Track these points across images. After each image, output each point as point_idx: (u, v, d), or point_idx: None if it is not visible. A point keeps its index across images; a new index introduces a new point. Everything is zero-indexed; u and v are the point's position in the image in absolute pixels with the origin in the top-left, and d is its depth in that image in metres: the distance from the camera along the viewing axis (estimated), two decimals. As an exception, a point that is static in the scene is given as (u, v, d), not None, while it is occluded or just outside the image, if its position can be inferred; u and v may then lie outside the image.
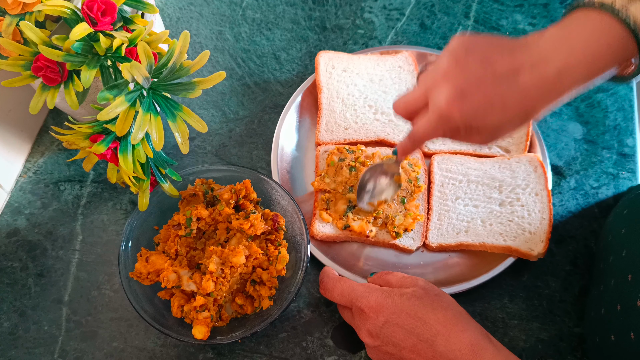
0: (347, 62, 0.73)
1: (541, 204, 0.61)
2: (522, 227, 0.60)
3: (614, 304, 0.49)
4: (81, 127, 0.50)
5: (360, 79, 0.72)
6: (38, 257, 0.62)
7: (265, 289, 0.55)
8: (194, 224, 0.56)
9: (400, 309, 0.48)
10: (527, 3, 0.83)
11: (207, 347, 0.57)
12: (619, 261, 0.52)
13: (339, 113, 0.69)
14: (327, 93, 0.70)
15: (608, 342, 0.49)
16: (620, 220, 0.57)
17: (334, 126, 0.69)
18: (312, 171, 0.67)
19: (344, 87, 0.71)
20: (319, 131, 0.69)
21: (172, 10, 0.82)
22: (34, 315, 0.59)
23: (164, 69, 0.49)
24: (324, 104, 0.70)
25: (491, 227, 0.61)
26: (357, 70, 0.72)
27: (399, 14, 0.83)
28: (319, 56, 0.72)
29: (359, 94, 0.71)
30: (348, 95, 0.70)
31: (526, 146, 0.66)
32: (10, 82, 0.49)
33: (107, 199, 0.66)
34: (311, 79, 0.72)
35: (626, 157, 0.69)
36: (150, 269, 0.53)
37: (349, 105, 0.70)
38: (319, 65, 0.72)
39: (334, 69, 0.72)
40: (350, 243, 0.63)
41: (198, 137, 0.71)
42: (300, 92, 0.71)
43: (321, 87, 0.70)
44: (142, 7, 0.53)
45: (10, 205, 0.66)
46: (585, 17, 0.45)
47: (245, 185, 0.59)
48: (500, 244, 0.59)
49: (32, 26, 0.47)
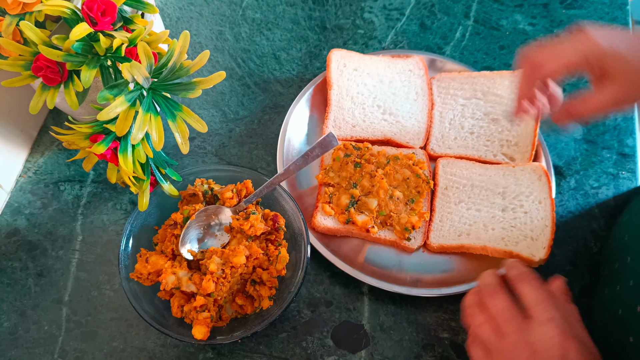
0: (359, 62, 0.73)
1: (544, 211, 0.61)
2: (525, 233, 0.60)
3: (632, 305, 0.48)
4: (81, 127, 0.50)
5: (370, 79, 0.72)
6: (38, 257, 0.62)
7: (265, 289, 0.54)
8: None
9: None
10: (527, 3, 0.83)
11: (207, 347, 0.57)
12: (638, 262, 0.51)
13: (348, 110, 0.70)
14: (337, 90, 0.71)
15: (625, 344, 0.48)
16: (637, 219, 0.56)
17: (341, 123, 0.69)
18: (317, 165, 0.68)
19: (354, 86, 0.71)
20: (327, 126, 0.69)
21: (172, 10, 0.82)
22: (34, 315, 0.59)
23: (164, 69, 0.49)
24: (334, 100, 0.70)
25: (493, 232, 0.61)
26: (367, 70, 0.73)
27: (399, 14, 0.83)
28: (331, 54, 0.73)
29: (369, 94, 0.71)
30: (357, 94, 0.71)
31: (531, 155, 0.65)
32: (10, 82, 0.49)
33: (107, 199, 0.66)
34: (321, 77, 0.73)
35: (626, 157, 0.69)
36: (151, 269, 0.53)
37: (358, 104, 0.70)
38: (331, 63, 0.72)
39: (345, 67, 0.73)
40: (350, 238, 0.63)
41: (198, 137, 0.71)
42: (310, 88, 0.72)
43: (331, 83, 0.71)
44: (142, 7, 0.53)
45: (10, 205, 0.66)
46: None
47: (245, 185, 0.59)
48: (502, 248, 0.59)
49: (32, 26, 0.47)
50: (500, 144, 0.67)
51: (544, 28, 0.81)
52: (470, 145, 0.67)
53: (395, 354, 0.56)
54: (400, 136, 0.68)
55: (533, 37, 0.80)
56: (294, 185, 0.66)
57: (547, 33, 0.80)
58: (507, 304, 0.46)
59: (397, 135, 0.68)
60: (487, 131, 0.68)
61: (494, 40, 0.80)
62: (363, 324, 0.58)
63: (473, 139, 0.68)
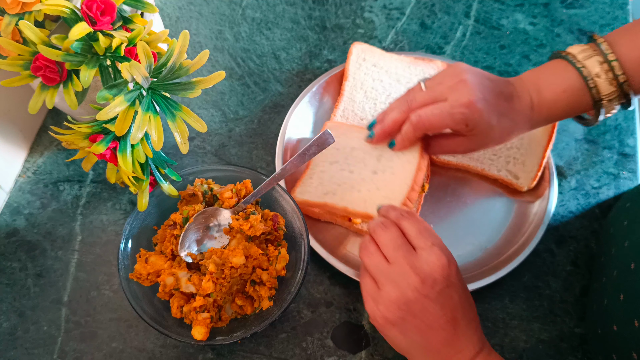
0: (379, 58, 0.73)
1: (410, 171, 0.60)
2: (385, 194, 0.59)
3: (616, 294, 0.49)
4: (80, 127, 0.49)
5: (387, 76, 0.72)
6: (37, 258, 0.62)
7: (265, 289, 0.54)
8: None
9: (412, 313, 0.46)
10: (527, 2, 0.83)
11: (207, 348, 0.57)
12: (621, 252, 0.52)
13: (359, 103, 0.70)
14: (352, 82, 0.72)
15: (610, 332, 0.49)
16: (622, 213, 0.57)
17: (350, 114, 0.70)
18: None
19: (369, 81, 0.72)
20: (335, 115, 0.70)
21: (171, 10, 0.82)
22: (33, 316, 0.58)
23: (163, 69, 0.49)
24: (346, 91, 0.71)
25: (359, 194, 0.60)
26: (386, 68, 0.73)
27: (399, 13, 0.82)
28: (353, 46, 0.73)
29: (383, 90, 0.71)
30: (372, 89, 0.71)
31: (536, 176, 0.64)
32: (9, 81, 0.49)
33: (107, 199, 0.66)
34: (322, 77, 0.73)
35: (627, 157, 0.69)
36: (150, 269, 0.53)
37: (370, 99, 0.71)
38: (351, 55, 0.73)
39: (364, 61, 0.73)
40: (334, 226, 0.64)
41: (197, 137, 0.70)
42: (311, 88, 0.72)
43: (348, 75, 0.72)
44: (141, 6, 0.53)
45: (10, 205, 0.66)
46: (555, 65, 0.55)
47: (245, 185, 0.59)
48: (362, 211, 0.59)
49: (31, 26, 0.46)
50: (507, 160, 0.66)
51: (545, 27, 0.81)
52: (475, 156, 0.67)
53: (395, 355, 0.56)
54: None
55: (534, 36, 0.80)
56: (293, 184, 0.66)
57: (547, 32, 0.80)
58: (393, 235, 0.49)
59: None
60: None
61: (494, 40, 0.80)
62: (363, 324, 0.58)
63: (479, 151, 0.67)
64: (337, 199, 0.60)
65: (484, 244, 0.62)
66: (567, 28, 0.81)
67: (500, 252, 0.61)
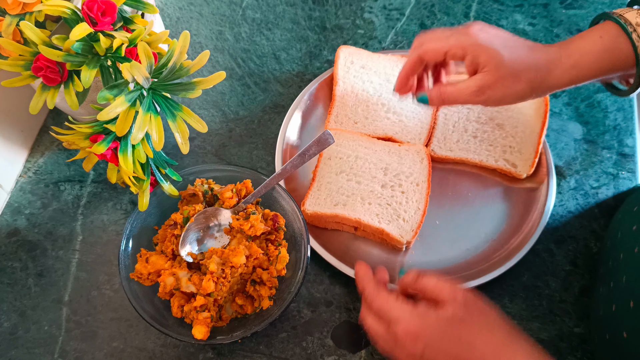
0: (367, 59, 0.74)
1: (420, 194, 0.62)
2: (398, 213, 0.61)
3: (626, 301, 0.49)
4: (81, 127, 0.50)
5: (377, 77, 0.73)
6: (38, 257, 0.62)
7: (265, 289, 0.54)
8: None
9: (442, 333, 0.45)
10: (527, 3, 0.83)
11: (207, 347, 0.57)
12: (630, 258, 0.51)
13: (351, 107, 0.71)
14: (342, 86, 0.72)
15: (619, 339, 0.49)
16: (630, 217, 0.56)
17: (343, 118, 0.70)
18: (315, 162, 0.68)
19: (359, 83, 0.72)
20: (329, 121, 0.70)
21: (172, 10, 0.82)
22: (34, 315, 0.59)
23: (164, 69, 0.49)
24: (338, 96, 0.71)
25: (369, 206, 0.61)
26: (375, 69, 0.73)
27: (399, 14, 0.83)
28: (339, 50, 0.73)
29: (374, 91, 0.72)
30: (362, 91, 0.71)
31: (534, 163, 0.65)
32: (10, 82, 0.49)
33: (107, 199, 0.66)
34: (321, 77, 0.73)
35: (626, 157, 0.69)
36: (151, 269, 0.53)
37: (362, 101, 0.71)
38: (339, 59, 0.73)
39: (352, 64, 0.73)
40: (340, 232, 0.63)
41: (198, 137, 0.71)
42: (310, 88, 0.72)
43: (337, 80, 0.72)
44: (142, 7, 0.53)
45: (10, 205, 0.66)
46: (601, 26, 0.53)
47: (245, 185, 0.59)
48: (375, 225, 0.60)
49: (32, 26, 0.47)
50: (503, 150, 0.67)
51: (544, 28, 0.81)
52: (472, 148, 0.67)
53: (395, 354, 0.56)
54: (401, 135, 0.68)
55: (533, 37, 0.80)
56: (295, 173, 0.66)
57: (547, 33, 0.80)
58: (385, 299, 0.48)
59: (399, 134, 0.68)
60: (490, 136, 0.68)
61: (494, 40, 0.80)
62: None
63: (476, 142, 0.68)
64: (348, 209, 0.61)
65: (490, 235, 0.63)
66: (567, 28, 0.81)
67: (507, 241, 0.62)
